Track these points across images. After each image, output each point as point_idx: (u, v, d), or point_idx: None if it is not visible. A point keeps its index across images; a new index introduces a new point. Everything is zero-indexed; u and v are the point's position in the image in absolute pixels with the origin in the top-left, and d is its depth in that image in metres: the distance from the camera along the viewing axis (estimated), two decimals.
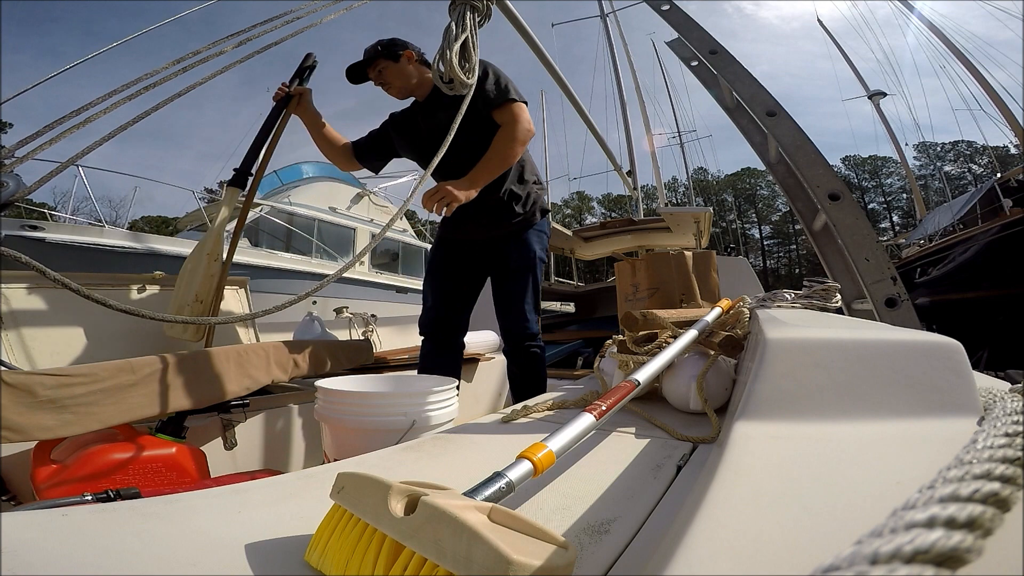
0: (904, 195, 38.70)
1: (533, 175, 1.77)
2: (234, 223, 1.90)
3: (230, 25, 1.12)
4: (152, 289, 1.98)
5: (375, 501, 0.38)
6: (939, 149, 37.99)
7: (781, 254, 45.65)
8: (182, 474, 1.11)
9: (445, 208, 1.43)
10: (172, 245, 6.01)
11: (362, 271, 7.97)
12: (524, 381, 1.75)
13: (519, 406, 0.98)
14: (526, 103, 1.63)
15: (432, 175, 1.63)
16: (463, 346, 1.82)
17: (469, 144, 1.55)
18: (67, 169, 0.88)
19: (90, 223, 6.15)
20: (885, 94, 19.27)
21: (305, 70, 1.77)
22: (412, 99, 1.74)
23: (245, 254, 6.77)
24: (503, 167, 1.56)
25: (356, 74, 1.71)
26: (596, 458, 0.67)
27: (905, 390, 0.46)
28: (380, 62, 1.65)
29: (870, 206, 40.48)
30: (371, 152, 1.82)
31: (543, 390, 1.72)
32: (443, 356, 1.74)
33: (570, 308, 5.72)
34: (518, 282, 1.71)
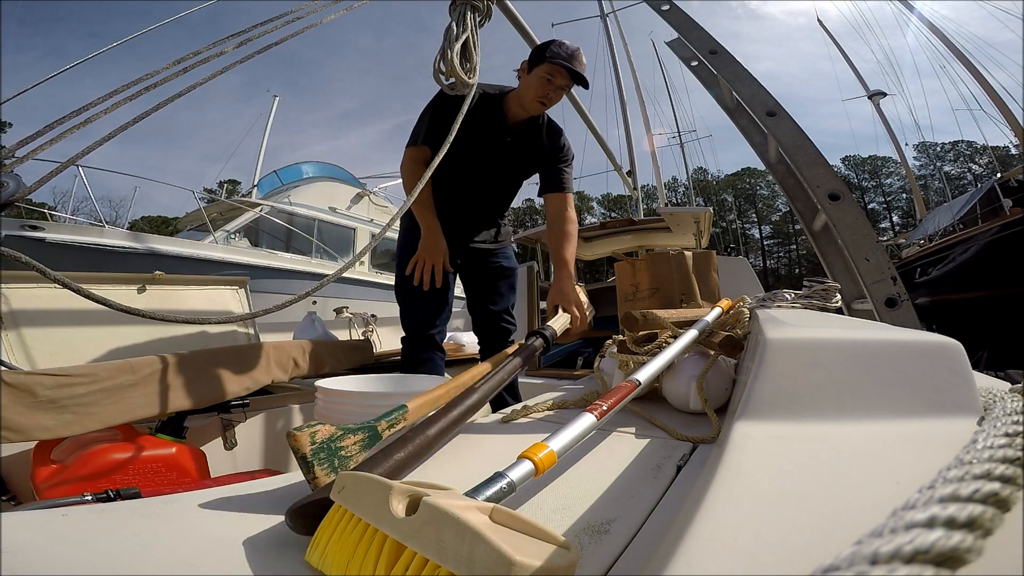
0: (904, 195, 38.74)
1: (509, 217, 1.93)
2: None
3: (234, 26, 1.11)
4: (152, 289, 1.98)
5: (376, 501, 0.38)
6: (939, 149, 38.01)
7: (781, 254, 45.67)
8: (182, 474, 1.11)
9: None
10: (172, 245, 6.01)
11: (362, 271, 7.97)
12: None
13: (519, 406, 0.98)
14: None
15: (453, 196, 1.66)
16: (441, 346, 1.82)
17: (511, 183, 1.73)
18: (67, 169, 0.88)
19: (90, 223, 6.15)
20: (885, 94, 19.29)
21: None
22: (469, 96, 1.51)
23: (245, 254, 6.78)
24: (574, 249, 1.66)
25: (578, 76, 1.58)
26: (596, 458, 0.67)
27: (905, 390, 0.46)
28: (573, 86, 1.60)
29: (870, 206, 40.50)
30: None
31: (519, 395, 1.79)
32: (434, 356, 1.74)
33: None
34: (507, 284, 1.83)
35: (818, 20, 22.05)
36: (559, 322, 1.03)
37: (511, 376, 0.87)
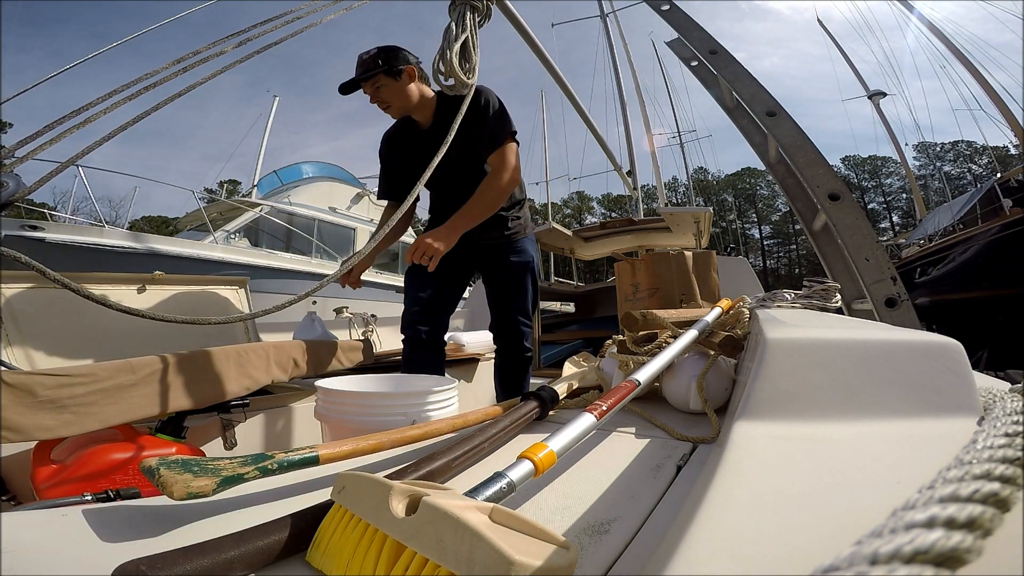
0: (904, 195, 38.75)
1: (523, 193, 1.81)
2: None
3: (236, 26, 1.11)
4: (152, 289, 1.98)
5: (376, 501, 0.38)
6: (939, 149, 38.02)
7: (781, 254, 45.69)
8: None
9: (430, 261, 1.42)
10: (172, 245, 6.01)
11: None
12: (512, 379, 1.79)
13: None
14: (515, 134, 1.60)
15: (434, 200, 1.72)
16: (444, 344, 1.79)
17: (473, 174, 1.61)
18: (67, 169, 0.88)
19: (90, 223, 6.15)
20: (885, 94, 19.30)
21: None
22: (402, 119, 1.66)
23: (245, 254, 6.78)
24: (485, 215, 1.54)
25: (351, 86, 1.56)
26: (596, 458, 0.67)
27: (905, 390, 0.46)
28: (379, 78, 1.51)
29: (870, 206, 40.52)
30: (402, 190, 1.70)
31: (527, 387, 1.78)
32: (427, 355, 1.70)
33: (570, 308, 5.72)
34: (518, 282, 1.75)
35: (818, 20, 22.07)
36: (562, 385, 1.02)
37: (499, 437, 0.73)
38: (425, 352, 1.69)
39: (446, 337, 2.30)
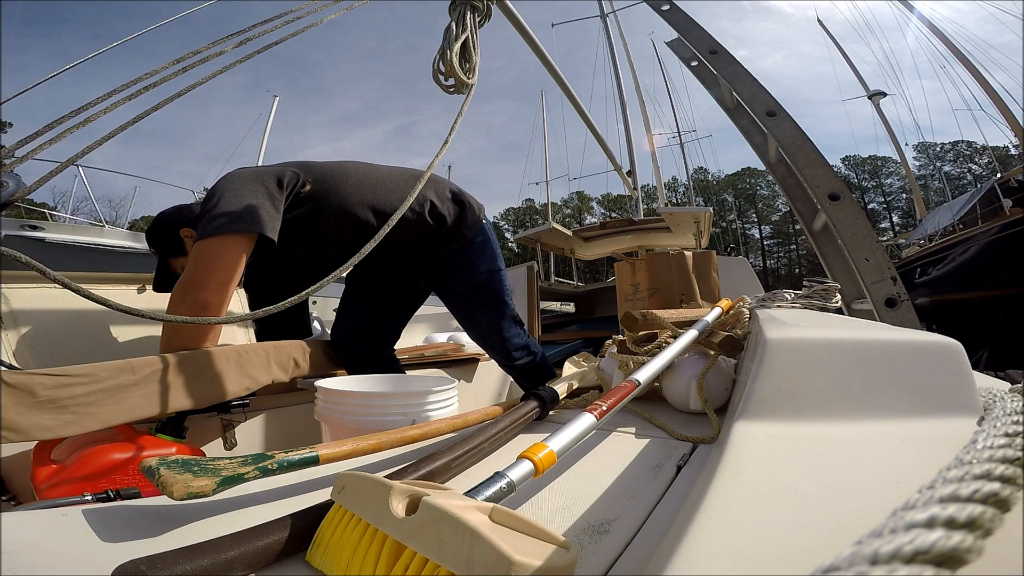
0: (904, 195, 38.78)
1: (458, 207, 1.52)
2: None
3: (237, 27, 1.11)
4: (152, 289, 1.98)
5: (376, 501, 0.38)
6: (939, 149, 38.05)
7: (781, 254, 45.72)
8: None
9: None
10: None
11: None
12: (523, 384, 1.76)
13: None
14: (246, 231, 1.13)
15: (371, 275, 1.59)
16: (390, 355, 1.68)
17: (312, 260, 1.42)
18: (67, 169, 0.88)
19: (90, 223, 6.16)
20: (885, 94, 19.32)
21: None
22: None
23: None
24: (169, 346, 1.17)
25: (166, 282, 1.36)
26: (596, 458, 0.67)
27: (905, 390, 0.46)
28: (171, 263, 1.37)
29: (870, 206, 40.55)
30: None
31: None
32: (360, 368, 1.55)
33: (570, 308, 5.73)
34: (475, 306, 1.60)
35: (818, 20, 22.09)
36: (562, 385, 1.00)
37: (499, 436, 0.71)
38: (357, 366, 1.57)
39: (446, 337, 2.30)
